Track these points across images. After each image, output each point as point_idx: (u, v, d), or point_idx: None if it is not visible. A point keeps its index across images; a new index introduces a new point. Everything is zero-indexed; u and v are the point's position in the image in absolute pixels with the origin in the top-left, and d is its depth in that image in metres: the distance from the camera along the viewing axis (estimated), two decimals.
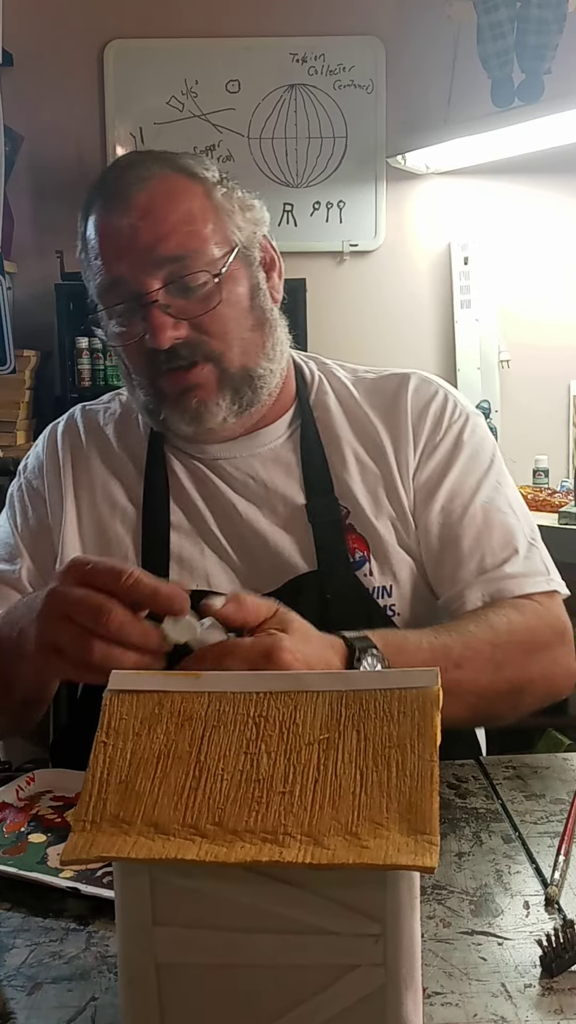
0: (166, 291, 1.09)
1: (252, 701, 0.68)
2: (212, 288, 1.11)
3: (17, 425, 2.96)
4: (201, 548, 1.17)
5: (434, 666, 0.97)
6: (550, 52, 2.64)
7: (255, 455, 1.21)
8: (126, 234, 1.09)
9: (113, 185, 1.12)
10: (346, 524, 1.17)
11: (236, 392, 1.14)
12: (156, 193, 1.10)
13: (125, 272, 1.10)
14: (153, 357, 1.11)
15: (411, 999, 0.61)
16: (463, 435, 1.21)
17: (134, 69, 3.14)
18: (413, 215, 3.26)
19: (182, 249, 1.09)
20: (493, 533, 1.16)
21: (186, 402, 1.13)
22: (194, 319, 1.10)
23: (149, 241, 1.09)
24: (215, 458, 1.21)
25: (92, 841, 0.61)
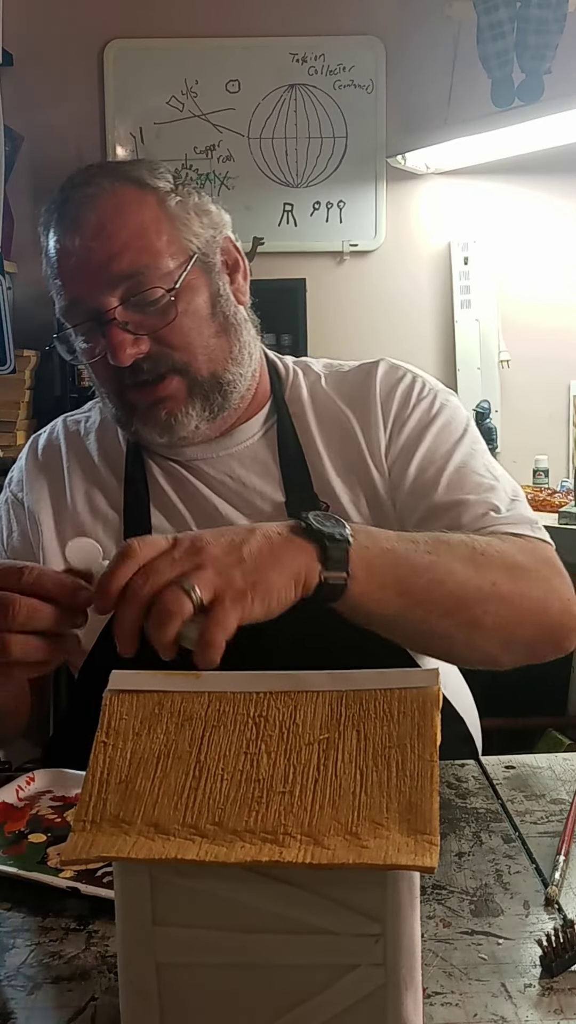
0: (124, 308, 1.09)
1: (252, 701, 0.68)
2: (168, 302, 1.11)
3: (17, 425, 2.96)
4: None
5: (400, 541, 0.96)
6: (550, 52, 2.64)
7: (231, 454, 1.21)
8: (79, 255, 1.10)
9: (64, 205, 1.13)
10: None
11: (206, 400, 1.15)
12: (106, 209, 1.10)
13: (82, 292, 1.11)
14: (118, 373, 1.12)
15: (411, 999, 0.61)
16: (433, 408, 1.21)
17: (134, 69, 3.14)
18: (413, 215, 3.26)
19: (135, 266, 1.09)
20: (469, 495, 1.13)
21: (156, 414, 1.14)
22: (154, 333, 1.11)
23: (102, 260, 1.09)
24: (192, 459, 1.21)
25: (92, 841, 0.61)
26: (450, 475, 1.16)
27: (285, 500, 1.18)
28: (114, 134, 3.17)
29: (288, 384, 1.26)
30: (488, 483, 1.15)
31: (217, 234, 1.18)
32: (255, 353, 1.22)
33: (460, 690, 1.29)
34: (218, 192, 3.19)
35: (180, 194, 1.15)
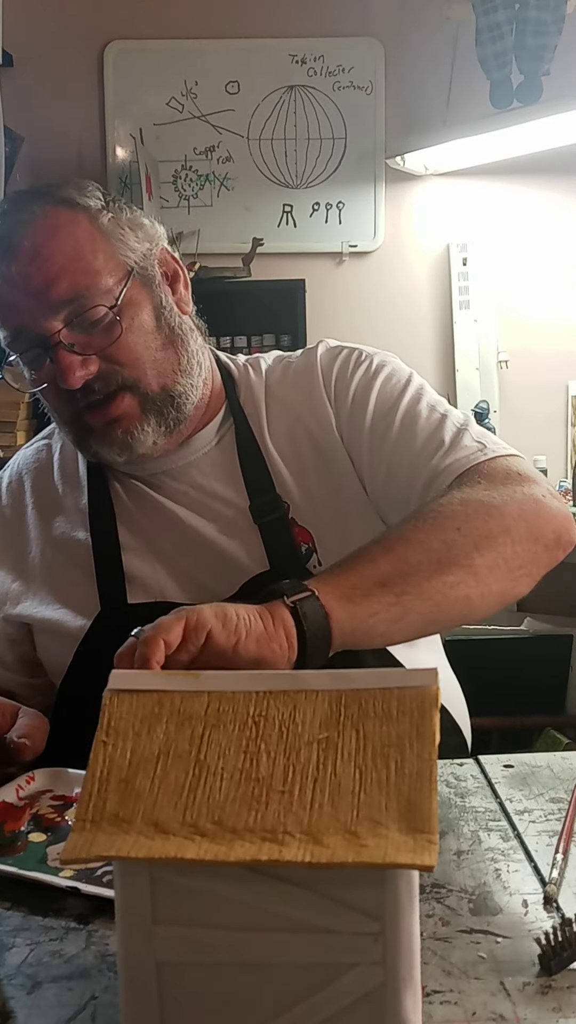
0: (68, 330, 1.09)
1: (251, 700, 0.68)
2: (112, 319, 1.11)
3: (17, 425, 2.96)
4: (152, 564, 1.18)
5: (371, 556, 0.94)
6: (548, 53, 2.64)
7: (190, 463, 1.21)
8: (17, 283, 1.09)
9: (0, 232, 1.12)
10: (288, 518, 1.17)
11: (160, 414, 1.15)
12: (39, 234, 1.10)
13: (25, 320, 1.10)
14: (70, 396, 1.12)
15: (410, 997, 0.62)
16: (371, 369, 1.21)
17: (134, 70, 3.14)
18: (412, 216, 3.26)
19: (75, 288, 1.09)
20: (417, 440, 1.13)
21: (112, 434, 1.14)
22: (101, 352, 1.11)
23: (40, 285, 1.09)
24: (153, 473, 1.22)
25: (92, 840, 0.62)
26: (398, 426, 1.15)
27: (249, 504, 1.18)
28: (114, 135, 3.17)
29: (241, 385, 1.26)
30: (434, 421, 1.15)
31: (153, 247, 1.18)
32: (204, 361, 1.22)
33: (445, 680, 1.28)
34: (218, 193, 3.19)
35: (111, 210, 1.15)
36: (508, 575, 1.00)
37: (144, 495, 1.21)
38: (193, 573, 1.17)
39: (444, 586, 0.96)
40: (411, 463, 1.13)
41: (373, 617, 0.93)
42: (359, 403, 1.19)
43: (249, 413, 1.23)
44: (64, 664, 1.19)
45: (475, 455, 1.10)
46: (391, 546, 0.97)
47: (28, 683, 1.28)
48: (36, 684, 1.28)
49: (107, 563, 1.18)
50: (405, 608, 0.94)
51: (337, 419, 1.19)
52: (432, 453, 1.12)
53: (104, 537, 1.20)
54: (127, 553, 1.19)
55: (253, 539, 1.16)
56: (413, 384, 1.20)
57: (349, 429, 1.18)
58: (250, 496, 1.18)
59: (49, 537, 1.24)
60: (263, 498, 1.17)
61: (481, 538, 0.99)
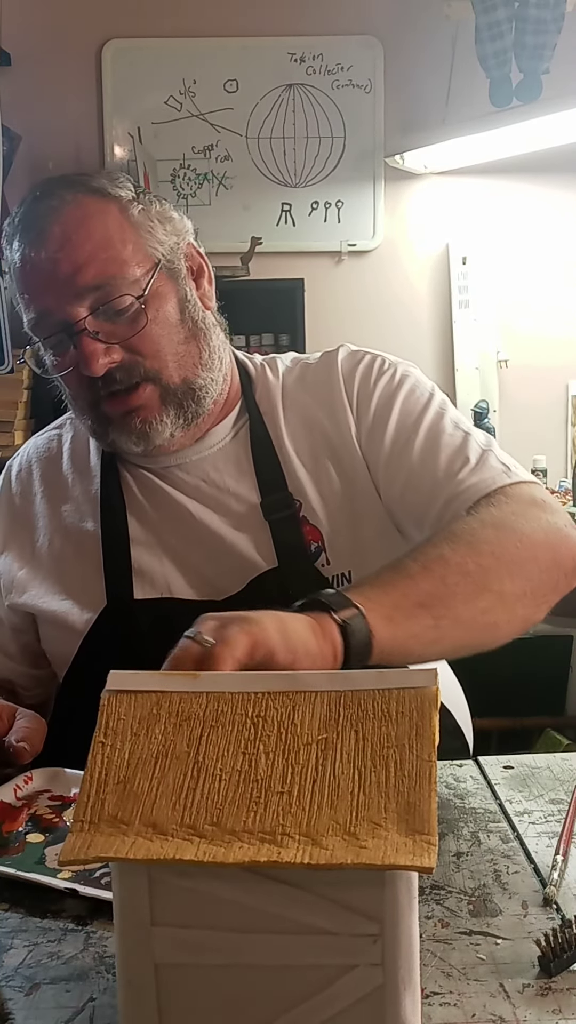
0: (93, 318, 1.09)
1: (250, 701, 0.68)
2: (138, 309, 1.11)
3: (15, 425, 2.96)
4: (160, 558, 1.18)
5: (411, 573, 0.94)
6: (548, 52, 2.63)
7: (204, 458, 1.21)
8: (46, 268, 1.09)
9: (27, 218, 1.13)
10: (300, 516, 1.17)
11: (180, 407, 1.15)
12: (70, 221, 1.10)
13: (50, 305, 1.10)
14: (91, 384, 1.12)
15: (409, 999, 0.61)
16: (394, 381, 1.21)
17: (132, 68, 3.14)
18: (411, 215, 3.25)
19: (102, 276, 1.09)
20: (441, 453, 1.14)
21: (131, 423, 1.14)
22: (125, 342, 1.11)
23: (69, 272, 1.09)
24: (166, 466, 1.21)
25: (90, 842, 0.61)
26: (423, 440, 1.16)
27: (260, 501, 1.18)
28: (112, 134, 3.16)
29: (257, 384, 1.26)
30: (458, 440, 1.15)
31: (180, 241, 1.18)
32: (225, 357, 1.22)
33: (448, 683, 1.29)
34: (216, 192, 3.19)
35: (142, 202, 1.15)
36: (533, 603, 1.03)
37: (156, 488, 1.21)
38: (201, 568, 1.17)
39: (477, 612, 0.98)
40: (434, 477, 1.14)
41: (412, 639, 0.93)
42: (381, 413, 1.19)
43: (265, 411, 1.23)
44: (68, 656, 1.18)
45: (500, 476, 1.11)
46: (430, 566, 0.97)
47: (30, 674, 1.28)
48: (38, 675, 1.28)
49: (115, 556, 1.18)
50: (441, 632, 0.95)
51: (357, 426, 1.20)
52: (457, 470, 1.13)
53: (113, 529, 1.19)
54: (135, 546, 1.19)
55: (263, 536, 1.16)
56: (436, 398, 1.21)
57: (369, 437, 1.19)
58: (262, 493, 1.18)
59: (58, 526, 1.24)
60: (275, 495, 1.18)
61: (513, 564, 1.01)
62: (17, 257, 1.13)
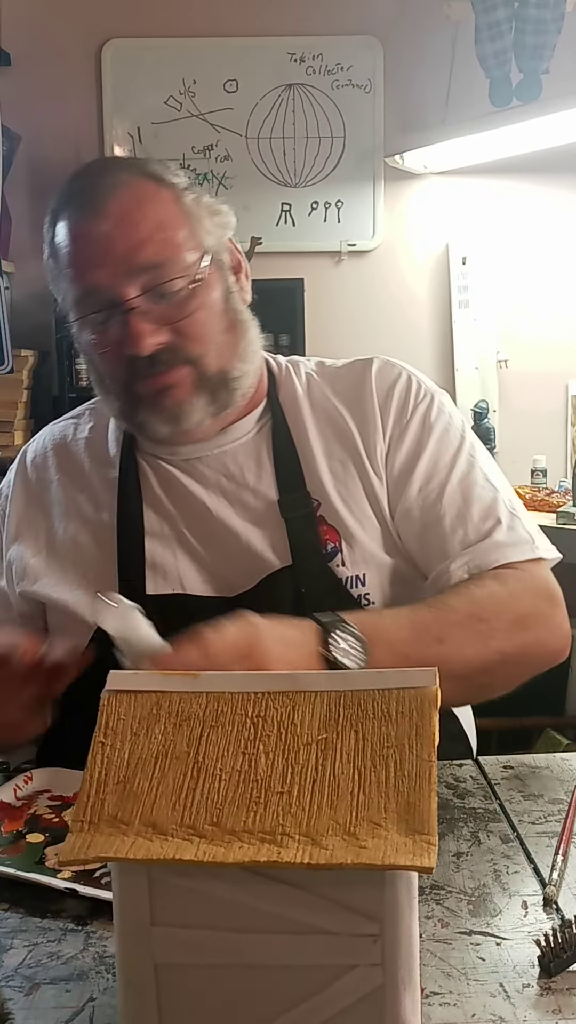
0: (144, 298, 1.09)
1: (250, 701, 0.68)
2: (189, 293, 1.12)
3: (15, 425, 2.96)
4: (174, 551, 1.18)
5: (414, 641, 1.02)
6: (548, 52, 2.63)
7: (225, 451, 1.21)
8: (102, 242, 1.09)
9: (85, 192, 1.12)
10: (317, 516, 1.17)
11: (212, 395, 1.15)
12: (128, 199, 1.11)
13: (102, 280, 1.10)
14: (132, 363, 1.12)
15: (409, 999, 0.61)
16: (430, 415, 1.21)
17: (132, 68, 3.14)
18: (411, 215, 3.25)
19: (158, 256, 1.10)
20: (472, 507, 1.16)
21: (163, 402, 1.14)
22: (173, 324, 1.11)
23: (125, 249, 1.09)
24: (186, 459, 1.21)
25: (90, 842, 0.61)
26: (452, 491, 1.17)
27: (278, 498, 1.18)
28: (112, 134, 3.16)
29: (281, 383, 1.26)
30: (489, 496, 1.17)
31: (225, 234, 1.19)
32: (259, 352, 1.23)
33: None
34: (216, 192, 3.19)
35: (194, 192, 1.17)
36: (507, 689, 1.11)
37: (174, 480, 1.21)
38: (215, 563, 1.17)
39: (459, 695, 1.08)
40: (463, 527, 1.15)
41: None
42: (414, 449, 1.20)
43: (288, 411, 1.23)
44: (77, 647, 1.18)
45: (526, 549, 1.14)
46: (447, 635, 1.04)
47: None
48: None
49: (129, 549, 1.18)
50: None
51: (389, 453, 1.20)
52: (488, 531, 1.15)
53: (129, 521, 1.19)
54: (150, 539, 1.18)
55: (279, 533, 1.16)
56: (467, 442, 1.22)
57: (401, 470, 1.19)
58: (280, 490, 1.18)
59: (73, 515, 1.23)
60: (293, 493, 1.18)
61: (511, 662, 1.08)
62: (64, 231, 1.12)
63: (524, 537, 1.15)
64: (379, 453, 1.20)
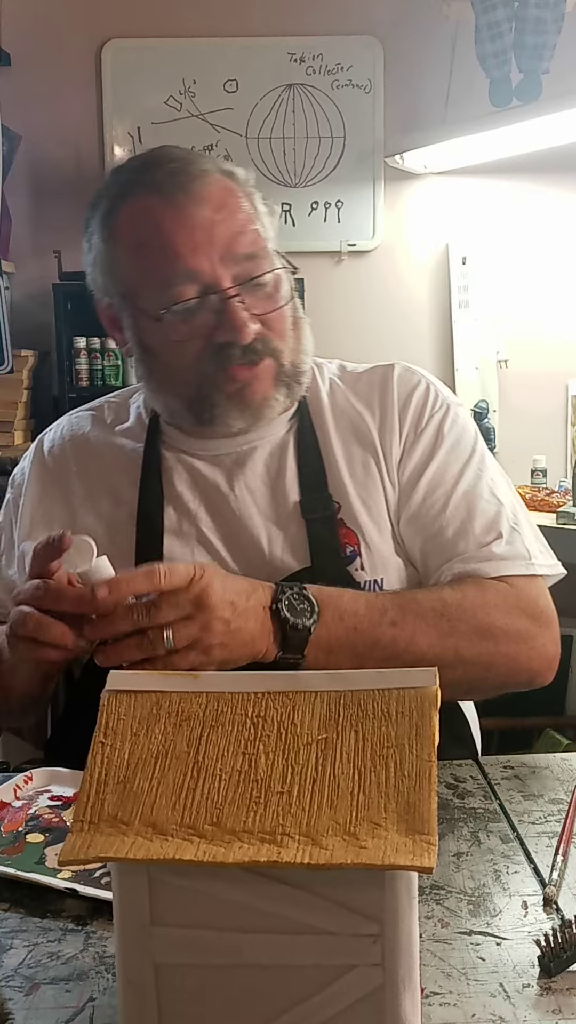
0: (239, 287, 1.10)
1: (250, 701, 0.68)
2: (275, 287, 1.13)
3: (15, 425, 2.96)
4: (192, 549, 1.17)
5: (366, 616, 1.05)
6: (548, 52, 2.63)
7: (254, 449, 1.20)
8: (204, 225, 1.08)
9: (176, 173, 1.10)
10: (337, 519, 1.17)
11: (288, 387, 1.16)
12: (219, 189, 1.11)
13: (203, 266, 1.08)
14: (220, 352, 1.10)
15: (409, 999, 0.61)
16: (444, 425, 1.22)
17: (132, 68, 3.14)
18: (411, 215, 3.26)
19: (253, 247, 1.11)
20: (475, 520, 1.16)
21: (248, 396, 1.14)
22: (264, 315, 1.12)
23: (227, 236, 1.09)
24: (215, 454, 1.20)
25: (90, 842, 0.61)
26: (456, 501, 1.17)
27: (300, 499, 1.18)
28: (112, 134, 3.16)
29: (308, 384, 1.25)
30: (492, 509, 1.17)
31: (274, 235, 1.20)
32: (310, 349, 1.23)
33: None
34: None
35: (256, 190, 1.18)
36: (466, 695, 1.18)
37: (199, 478, 1.20)
38: (232, 563, 1.16)
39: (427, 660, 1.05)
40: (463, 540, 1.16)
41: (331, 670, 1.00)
42: (424, 457, 1.20)
43: (313, 412, 1.23)
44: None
45: (520, 564, 1.14)
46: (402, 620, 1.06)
47: None
48: None
49: (147, 545, 1.17)
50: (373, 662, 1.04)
51: (402, 459, 1.20)
52: (487, 542, 1.15)
53: (148, 517, 1.18)
54: (169, 535, 1.18)
55: (299, 534, 1.16)
56: (476, 454, 1.23)
57: (409, 477, 1.20)
58: (302, 491, 1.18)
59: (90, 508, 1.22)
60: (314, 495, 1.18)
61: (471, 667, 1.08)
62: (148, 213, 1.10)
63: (521, 552, 1.15)
64: (394, 458, 1.20)
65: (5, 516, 1.30)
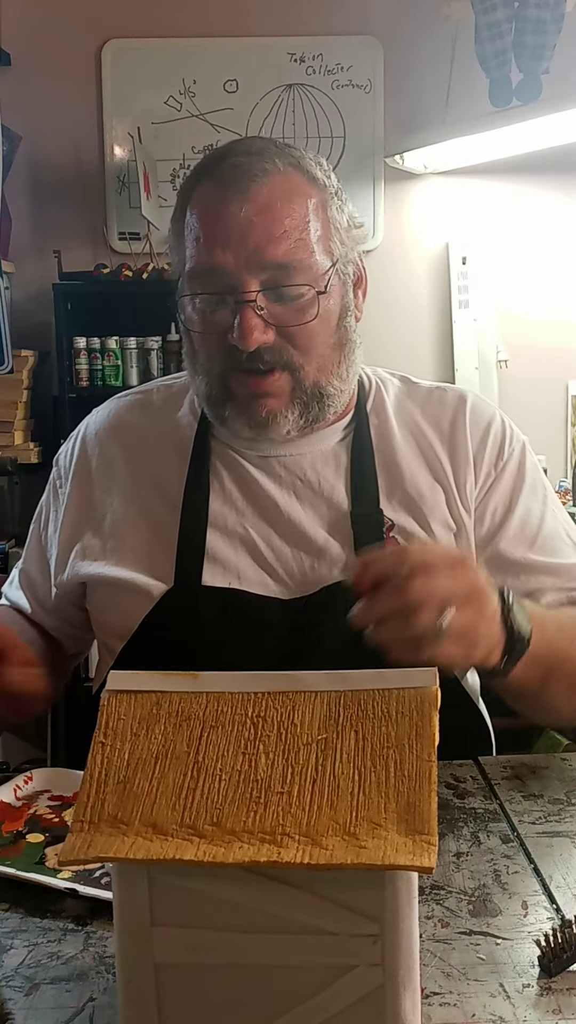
0: (263, 294, 1.07)
1: (250, 701, 0.68)
2: (310, 301, 1.09)
3: (15, 425, 2.96)
4: (236, 547, 1.16)
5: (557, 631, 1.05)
6: (548, 52, 2.63)
7: (305, 455, 1.19)
8: (238, 226, 1.07)
9: (237, 168, 1.09)
10: (389, 536, 1.16)
11: (305, 407, 1.13)
12: (278, 190, 1.08)
13: (229, 264, 1.07)
14: (232, 354, 1.10)
15: (409, 999, 0.61)
16: (525, 464, 1.23)
17: (132, 68, 3.14)
18: (411, 215, 3.25)
19: (290, 257, 1.07)
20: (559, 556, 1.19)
21: (255, 408, 1.12)
22: (286, 327, 1.09)
23: (261, 240, 1.07)
24: (264, 456, 1.19)
25: (90, 842, 0.61)
26: (542, 543, 1.20)
27: (350, 510, 1.16)
28: (112, 134, 3.16)
29: (371, 394, 1.24)
30: (571, 548, 1.21)
31: (356, 248, 1.17)
32: (357, 372, 1.21)
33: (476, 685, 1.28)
34: None
35: (340, 199, 1.15)
36: None
37: (248, 476, 1.18)
38: (276, 564, 1.15)
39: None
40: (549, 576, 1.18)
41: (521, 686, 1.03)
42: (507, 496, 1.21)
43: (375, 423, 1.22)
44: (126, 628, 1.16)
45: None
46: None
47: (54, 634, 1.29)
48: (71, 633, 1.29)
49: (191, 537, 1.16)
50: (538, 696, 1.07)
51: (483, 494, 1.21)
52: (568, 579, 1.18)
53: (194, 510, 1.17)
54: (212, 530, 1.16)
55: (346, 545, 1.15)
56: (548, 491, 1.25)
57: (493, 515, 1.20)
58: (353, 503, 1.17)
59: (136, 496, 1.20)
60: (366, 507, 1.16)
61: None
62: (205, 200, 1.10)
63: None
64: (468, 488, 1.19)
65: (45, 498, 1.29)
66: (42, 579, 1.27)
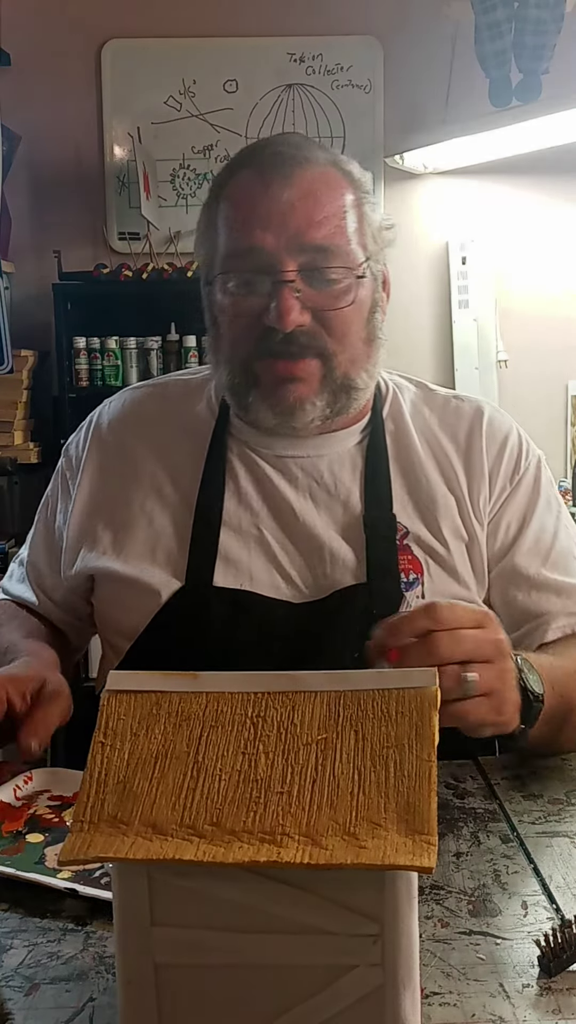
0: (301, 276, 1.08)
1: (250, 701, 0.68)
2: (348, 286, 1.11)
3: (15, 425, 2.96)
4: (249, 548, 1.16)
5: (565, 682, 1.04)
6: (548, 52, 2.63)
7: (322, 457, 1.19)
8: (282, 208, 1.08)
9: (280, 156, 1.11)
10: (403, 543, 1.16)
11: (333, 397, 1.13)
12: (318, 178, 1.11)
13: (269, 245, 1.08)
14: (263, 337, 1.09)
15: (409, 999, 0.61)
16: (540, 480, 1.24)
17: (132, 68, 3.14)
18: (411, 215, 3.25)
19: (328, 241, 1.09)
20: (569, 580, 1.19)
21: (282, 393, 1.11)
22: (322, 312, 1.10)
23: (302, 221, 1.08)
24: (280, 455, 1.19)
25: (90, 842, 0.61)
26: (555, 559, 1.20)
27: (363, 514, 1.16)
28: (112, 134, 3.16)
29: (388, 399, 1.25)
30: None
31: (383, 250, 1.19)
32: (380, 372, 1.22)
33: None
34: None
35: (373, 199, 1.18)
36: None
37: (264, 477, 1.18)
38: (288, 567, 1.15)
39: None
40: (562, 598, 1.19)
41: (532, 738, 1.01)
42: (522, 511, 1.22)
43: (391, 429, 1.22)
44: (131, 626, 1.16)
45: None
46: None
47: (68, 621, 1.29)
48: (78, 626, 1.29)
49: (204, 536, 1.15)
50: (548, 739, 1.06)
51: (496, 507, 1.21)
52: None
53: (209, 509, 1.16)
54: (226, 530, 1.16)
55: (359, 549, 1.15)
56: (562, 507, 1.26)
57: (507, 529, 1.21)
58: (366, 507, 1.17)
59: (150, 491, 1.20)
60: (378, 513, 1.16)
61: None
62: (245, 184, 1.11)
63: None
64: (482, 501, 1.20)
65: (52, 488, 1.29)
66: (50, 571, 1.26)
